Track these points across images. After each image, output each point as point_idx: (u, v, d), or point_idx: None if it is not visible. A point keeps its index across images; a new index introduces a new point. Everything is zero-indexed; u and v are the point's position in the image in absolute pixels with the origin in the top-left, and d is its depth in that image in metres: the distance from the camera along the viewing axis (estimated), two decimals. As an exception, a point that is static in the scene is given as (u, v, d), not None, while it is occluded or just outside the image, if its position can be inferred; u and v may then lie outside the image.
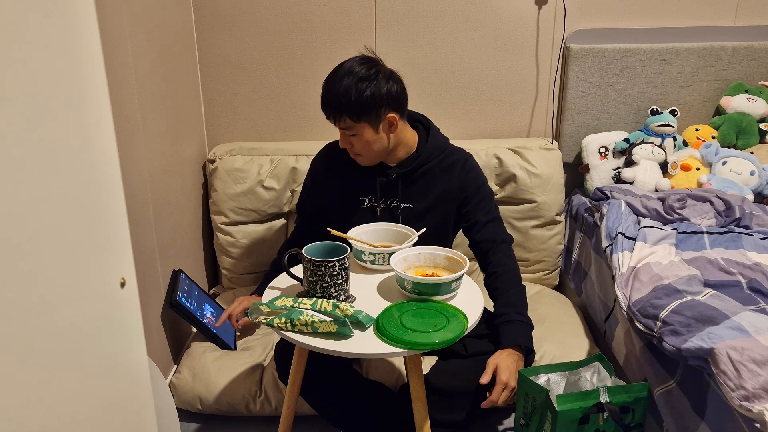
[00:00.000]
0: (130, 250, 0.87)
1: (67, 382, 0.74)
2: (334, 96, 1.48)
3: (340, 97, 1.47)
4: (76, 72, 0.74)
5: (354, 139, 1.53)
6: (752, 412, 1.13)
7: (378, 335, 1.22)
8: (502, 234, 1.66)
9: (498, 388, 1.39)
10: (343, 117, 1.49)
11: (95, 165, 0.78)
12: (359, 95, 1.46)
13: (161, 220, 1.79)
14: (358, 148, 1.55)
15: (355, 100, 1.46)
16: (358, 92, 1.46)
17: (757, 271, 1.57)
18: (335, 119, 1.51)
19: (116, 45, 1.51)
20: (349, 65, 1.51)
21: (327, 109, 1.51)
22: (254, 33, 2.15)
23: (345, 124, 1.50)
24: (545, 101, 2.27)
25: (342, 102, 1.47)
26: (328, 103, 1.50)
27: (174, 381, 1.78)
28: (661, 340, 1.37)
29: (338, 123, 1.51)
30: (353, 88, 1.46)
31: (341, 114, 1.48)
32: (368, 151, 1.55)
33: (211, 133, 2.26)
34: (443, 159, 1.64)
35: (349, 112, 1.48)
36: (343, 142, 1.55)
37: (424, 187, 1.63)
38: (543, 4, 2.14)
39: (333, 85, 1.49)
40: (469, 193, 1.64)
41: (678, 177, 2.12)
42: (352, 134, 1.52)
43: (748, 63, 2.26)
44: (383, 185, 1.62)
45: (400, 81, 1.54)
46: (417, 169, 1.61)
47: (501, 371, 1.41)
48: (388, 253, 1.43)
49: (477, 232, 1.63)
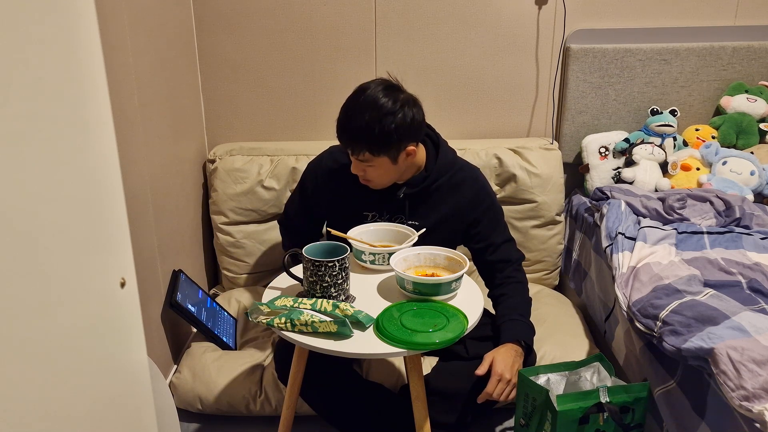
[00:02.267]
0: (130, 250, 0.87)
1: (68, 381, 0.74)
2: (356, 129, 1.39)
3: (362, 131, 1.38)
4: (76, 72, 0.74)
5: (369, 169, 1.46)
6: (752, 412, 1.13)
7: (378, 335, 1.22)
8: (516, 253, 1.64)
9: (493, 380, 1.39)
10: (362, 151, 1.41)
11: (95, 165, 0.78)
12: (382, 130, 1.37)
13: (161, 220, 1.79)
14: (372, 176, 1.48)
15: (378, 135, 1.37)
16: (382, 128, 1.37)
17: (757, 271, 1.57)
18: (353, 150, 1.42)
19: (116, 45, 1.51)
20: (372, 95, 1.40)
21: (345, 139, 1.42)
22: (254, 33, 2.15)
23: (363, 157, 1.42)
24: (545, 101, 2.27)
25: (363, 135, 1.38)
26: (348, 134, 1.41)
27: (174, 381, 1.78)
28: (661, 340, 1.37)
29: (355, 155, 1.43)
30: (377, 123, 1.37)
31: (361, 148, 1.40)
32: (382, 179, 1.49)
33: (211, 133, 2.26)
34: (452, 176, 1.57)
35: (370, 146, 1.39)
36: (355, 169, 1.47)
37: (431, 206, 1.57)
38: (543, 4, 2.14)
39: (354, 115, 1.39)
40: (480, 212, 1.59)
41: (678, 177, 2.12)
42: (368, 165, 1.45)
43: (748, 63, 2.26)
44: (389, 203, 1.57)
45: (420, 108, 1.47)
46: (426, 188, 1.55)
47: (496, 363, 1.41)
48: (388, 253, 1.43)
49: (492, 254, 1.60)
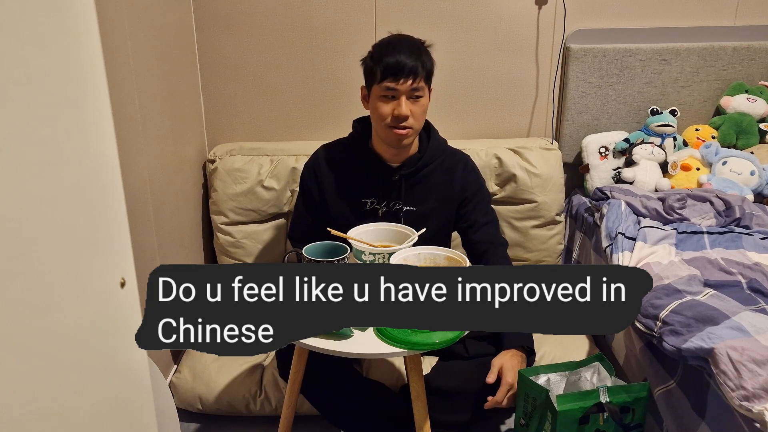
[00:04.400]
0: (130, 250, 0.87)
1: (68, 381, 0.74)
2: (415, 54, 1.47)
3: (421, 56, 1.48)
4: (76, 72, 0.74)
5: (417, 105, 1.50)
6: (752, 412, 1.13)
7: (378, 335, 1.22)
8: (499, 237, 1.68)
9: (503, 389, 1.40)
10: (419, 76, 1.47)
11: (95, 165, 0.78)
12: (428, 55, 1.51)
13: (161, 220, 1.79)
14: (417, 115, 1.51)
15: (428, 57, 1.50)
16: (427, 52, 1.51)
17: (757, 271, 1.57)
18: (414, 78, 1.47)
19: (116, 45, 1.51)
20: (402, 35, 1.54)
21: (405, 67, 1.46)
22: (254, 33, 2.15)
23: (418, 84, 1.48)
24: (545, 101, 2.27)
25: (420, 56, 1.48)
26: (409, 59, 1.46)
27: (174, 381, 1.78)
28: (661, 340, 1.37)
29: (414, 82, 1.47)
30: (423, 47, 1.51)
31: (418, 72, 1.47)
32: (420, 121, 1.54)
33: (211, 133, 2.26)
34: (444, 160, 1.64)
35: (425, 67, 1.49)
36: (406, 109, 1.48)
37: (425, 190, 1.62)
38: (543, 4, 2.14)
39: (402, 45, 1.48)
40: (469, 194, 1.65)
41: (678, 177, 2.12)
42: (419, 95, 1.50)
43: (748, 63, 2.26)
44: (385, 187, 1.61)
45: None
46: (420, 170, 1.60)
47: (506, 372, 1.42)
48: (388, 253, 1.43)
49: (475, 233, 1.64)
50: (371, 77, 1.52)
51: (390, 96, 1.49)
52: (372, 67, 1.51)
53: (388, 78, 1.47)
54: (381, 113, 1.50)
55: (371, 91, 1.53)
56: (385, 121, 1.50)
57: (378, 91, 1.50)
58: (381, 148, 1.59)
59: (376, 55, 1.50)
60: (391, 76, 1.46)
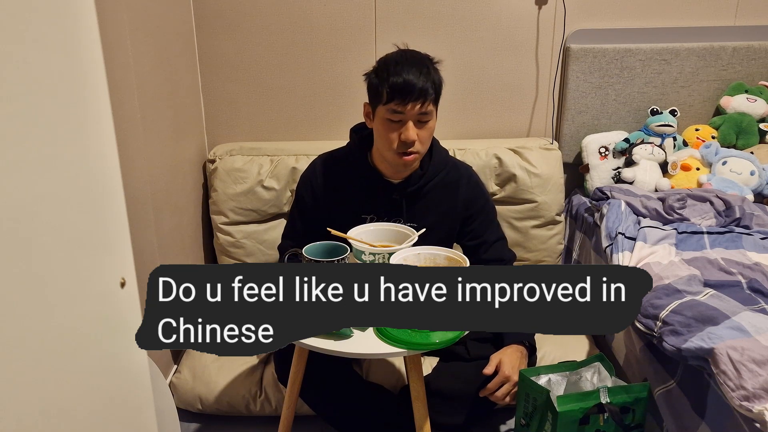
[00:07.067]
0: (130, 250, 0.87)
1: (68, 382, 0.74)
2: (424, 74, 1.39)
3: (430, 75, 1.40)
4: (76, 72, 0.74)
5: (425, 129, 1.43)
6: (752, 412, 1.13)
7: (378, 335, 1.22)
8: (509, 252, 1.67)
9: (498, 379, 1.41)
10: (428, 99, 1.40)
11: (95, 165, 0.78)
12: (438, 75, 1.43)
13: (161, 220, 1.79)
14: (424, 139, 1.45)
15: (439, 81, 1.43)
16: (437, 71, 1.43)
17: (757, 271, 1.57)
18: (423, 101, 1.39)
19: (116, 45, 1.51)
20: (409, 51, 1.45)
21: (414, 89, 1.38)
22: (254, 33, 2.15)
23: (427, 108, 1.41)
24: (545, 101, 2.27)
25: (429, 79, 1.40)
26: (417, 80, 1.38)
27: (174, 381, 1.78)
28: (661, 340, 1.37)
29: (422, 107, 1.40)
30: (433, 70, 1.42)
31: (427, 95, 1.39)
32: (427, 145, 1.48)
33: (211, 133, 2.26)
34: (447, 174, 1.58)
35: (435, 90, 1.42)
36: (413, 134, 1.41)
37: (427, 205, 1.57)
38: (543, 4, 2.14)
39: (411, 65, 1.39)
40: (474, 210, 1.61)
41: (678, 177, 2.12)
42: (427, 120, 1.43)
43: (748, 63, 2.26)
44: (386, 204, 1.56)
45: None
46: (422, 187, 1.55)
47: (504, 365, 1.43)
48: (388, 253, 1.43)
49: (485, 252, 1.62)
50: (376, 97, 1.43)
51: (396, 120, 1.41)
52: (377, 86, 1.42)
53: (394, 100, 1.39)
54: (388, 139, 1.43)
55: (376, 111, 1.45)
56: (392, 147, 1.43)
57: (383, 113, 1.42)
58: (382, 165, 1.54)
59: (382, 73, 1.41)
60: (399, 98, 1.38)
